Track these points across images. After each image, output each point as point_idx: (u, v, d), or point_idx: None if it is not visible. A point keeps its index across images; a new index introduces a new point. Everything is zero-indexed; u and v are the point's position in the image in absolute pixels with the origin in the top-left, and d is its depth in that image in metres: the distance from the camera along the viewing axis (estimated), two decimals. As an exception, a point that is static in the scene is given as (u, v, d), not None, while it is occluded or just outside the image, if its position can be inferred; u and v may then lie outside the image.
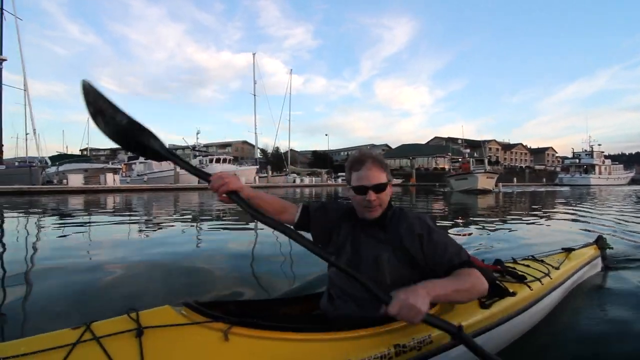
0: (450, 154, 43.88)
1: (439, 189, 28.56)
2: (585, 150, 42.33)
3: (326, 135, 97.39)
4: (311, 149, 47.43)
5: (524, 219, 7.20)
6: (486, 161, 26.37)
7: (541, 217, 7.48)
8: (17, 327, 1.88)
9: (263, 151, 64.21)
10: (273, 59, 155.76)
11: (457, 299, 1.12)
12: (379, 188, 1.25)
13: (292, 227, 1.38)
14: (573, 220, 6.98)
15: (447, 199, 14.94)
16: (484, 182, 20.92)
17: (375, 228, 1.29)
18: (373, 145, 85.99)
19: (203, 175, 1.21)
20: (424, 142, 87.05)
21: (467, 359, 1.05)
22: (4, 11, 20.65)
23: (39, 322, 1.91)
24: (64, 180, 20.03)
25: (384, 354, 1.04)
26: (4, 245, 4.14)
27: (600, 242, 2.79)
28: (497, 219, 7.04)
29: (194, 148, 36.72)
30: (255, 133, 39.76)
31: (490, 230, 5.36)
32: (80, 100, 1.11)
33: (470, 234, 4.86)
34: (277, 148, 52.91)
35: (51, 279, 2.62)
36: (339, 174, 55.77)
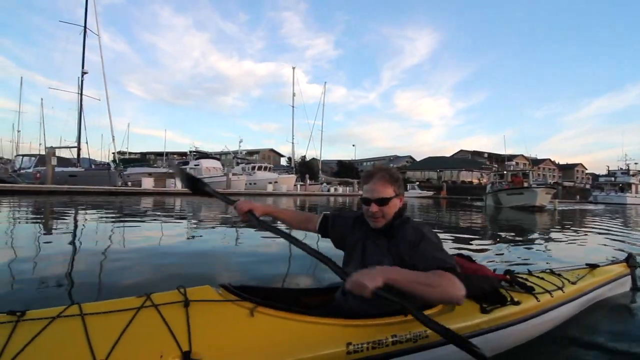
0: (485, 168, 42.59)
1: (471, 202, 28.78)
2: (621, 168, 42.01)
3: (353, 145, 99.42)
4: (328, 158, 48.79)
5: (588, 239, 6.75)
6: (547, 175, 25.20)
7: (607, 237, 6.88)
8: (96, 293, 2.41)
9: (289, 159, 66.11)
10: (295, 68, 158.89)
11: (419, 292, 1.12)
12: (381, 202, 1.38)
13: (315, 233, 1.67)
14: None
15: (493, 214, 14.21)
16: (543, 198, 19.45)
17: (382, 237, 1.41)
18: (396, 157, 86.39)
19: (228, 201, 1.66)
20: (444, 154, 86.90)
21: (462, 357, 1.17)
22: (87, 29, 23.01)
23: (112, 290, 2.41)
24: (129, 183, 22.06)
25: (381, 341, 1.18)
26: (102, 237, 5.12)
27: (630, 261, 2.70)
28: (561, 239, 6.62)
29: (235, 156, 38.78)
30: (293, 143, 41.46)
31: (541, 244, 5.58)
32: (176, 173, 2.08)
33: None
34: (304, 157, 54.36)
35: (124, 260, 3.43)
36: (369, 184, 56.73)
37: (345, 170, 65.40)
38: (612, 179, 41.28)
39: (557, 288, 1.90)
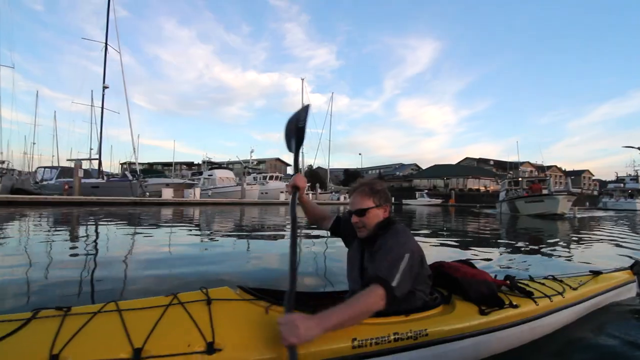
0: (499, 175, 41.62)
1: (480, 210, 28.57)
2: (630, 175, 42.09)
3: (360, 154, 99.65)
4: (333, 167, 49.04)
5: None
6: (569, 181, 23.70)
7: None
8: (129, 292, 2.61)
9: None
10: (297, 79, 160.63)
11: (355, 322, 1.22)
12: (360, 213, 1.50)
13: (327, 230, 1.80)
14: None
15: (510, 223, 13.82)
16: (564, 205, 18.44)
17: (372, 244, 1.49)
18: (402, 165, 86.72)
19: (297, 168, 1.74)
20: (449, 161, 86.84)
21: (461, 355, 1.21)
22: (108, 45, 23.83)
23: (143, 290, 2.63)
24: (147, 194, 22.59)
25: (384, 338, 1.26)
26: (138, 243, 5.66)
27: (636, 268, 2.72)
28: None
29: (247, 165, 39.35)
30: (302, 153, 41.88)
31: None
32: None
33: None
34: (310, 166, 54.78)
35: (151, 264, 3.82)
36: (377, 192, 57.10)
37: (351, 178, 65.80)
38: (621, 185, 41.29)
39: (557, 293, 1.96)
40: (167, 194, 21.17)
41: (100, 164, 23.14)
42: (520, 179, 24.00)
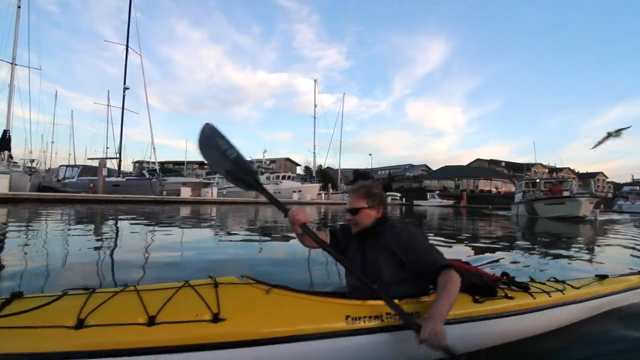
0: (516, 176, 40.33)
1: (492, 212, 28.27)
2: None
3: (370, 154, 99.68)
4: (342, 167, 49.30)
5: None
6: (593, 183, 22.91)
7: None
8: (145, 280, 2.88)
9: (307, 168, 67.01)
10: (307, 79, 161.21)
11: (453, 305, 1.39)
12: (353, 211, 1.67)
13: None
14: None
15: (528, 225, 13.45)
16: (586, 208, 17.87)
17: (372, 238, 1.62)
18: (411, 165, 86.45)
19: (283, 208, 1.61)
20: (458, 162, 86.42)
21: (453, 338, 1.29)
22: (129, 48, 24.44)
23: (157, 279, 2.80)
24: (164, 192, 23.16)
25: (377, 316, 1.37)
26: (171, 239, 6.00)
27: None
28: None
29: (260, 165, 39.83)
30: (314, 153, 42.33)
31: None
32: (196, 139, 1.61)
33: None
34: (320, 166, 55.08)
35: (166, 256, 4.22)
36: (388, 193, 57.36)
37: (361, 179, 65.63)
38: (637, 187, 40.72)
39: (557, 290, 1.97)
40: (186, 192, 21.67)
41: (120, 163, 23.76)
42: (538, 180, 23.42)
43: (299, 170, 71.83)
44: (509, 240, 7.90)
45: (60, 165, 26.17)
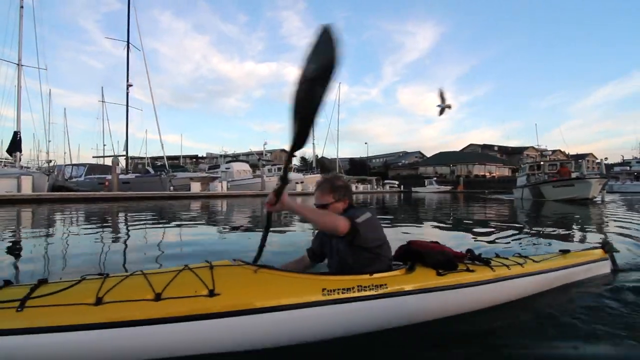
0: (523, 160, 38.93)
1: (488, 196, 28.87)
2: (636, 157, 42.95)
3: (366, 143, 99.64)
4: (337, 157, 49.43)
5: None
6: (603, 164, 22.48)
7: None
8: (151, 266, 3.13)
9: (303, 159, 67.28)
10: (296, 67, 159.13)
11: (313, 221, 1.65)
12: (321, 207, 1.80)
13: (314, 263, 2.06)
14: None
15: (537, 208, 13.16)
16: (596, 189, 17.66)
17: None
18: (405, 152, 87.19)
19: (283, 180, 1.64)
20: (449, 148, 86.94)
21: (417, 307, 1.53)
22: (130, 45, 24.38)
23: (164, 265, 3.25)
24: (171, 188, 23.46)
25: (349, 289, 1.57)
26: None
27: (606, 247, 2.87)
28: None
29: (260, 157, 40.17)
30: (313, 144, 42.71)
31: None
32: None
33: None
34: (317, 155, 55.34)
35: (172, 245, 4.73)
36: (386, 181, 58.02)
37: (357, 167, 66.10)
38: (628, 168, 42.03)
39: (517, 264, 2.14)
40: (195, 187, 22.05)
41: (127, 160, 23.95)
42: (542, 162, 23.05)
43: (295, 161, 71.90)
44: (527, 224, 7.83)
45: (65, 165, 26.20)
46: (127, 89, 24.06)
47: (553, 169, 21.57)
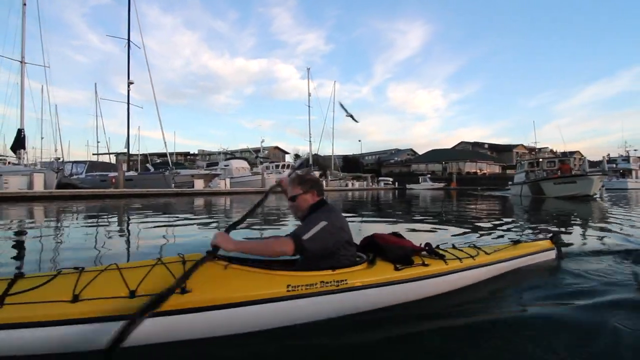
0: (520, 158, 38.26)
1: (481, 192, 29.39)
2: (622, 155, 44.39)
3: (359, 141, 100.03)
4: (329, 154, 49.80)
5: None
6: (605, 161, 21.87)
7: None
8: (128, 257, 3.51)
9: (297, 156, 67.59)
10: (287, 64, 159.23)
11: (263, 255, 1.74)
12: (292, 199, 1.96)
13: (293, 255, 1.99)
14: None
15: (537, 206, 12.99)
16: (597, 186, 17.75)
17: None
18: (398, 150, 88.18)
19: (272, 191, 2.17)
20: (440, 146, 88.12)
21: (376, 299, 1.69)
22: (130, 42, 24.37)
23: (138, 256, 3.49)
24: (172, 185, 23.68)
25: (312, 285, 1.67)
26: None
27: (554, 238, 3.14)
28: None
29: (257, 155, 40.44)
30: (310, 141, 43.06)
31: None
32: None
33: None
34: (314, 153, 55.67)
35: (151, 239, 4.92)
36: (381, 178, 58.65)
37: (350, 165, 66.67)
38: (614, 165, 43.41)
39: (469, 256, 2.32)
40: (199, 184, 22.29)
41: (129, 157, 24.03)
42: (540, 159, 23.23)
43: (288, 158, 72.14)
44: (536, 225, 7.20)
45: (65, 162, 26.07)
46: (128, 86, 24.01)
47: (551, 165, 21.71)
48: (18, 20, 18.69)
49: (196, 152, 78.48)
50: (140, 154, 37.05)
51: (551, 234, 3.28)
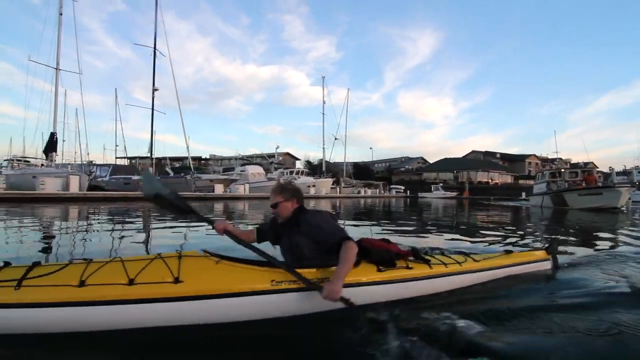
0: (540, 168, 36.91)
1: (495, 202, 29.02)
2: (637, 167, 43.85)
3: (370, 148, 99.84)
4: (339, 161, 50.05)
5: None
6: (634, 172, 21.22)
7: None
8: (131, 252, 3.82)
9: (308, 162, 68.13)
10: (298, 71, 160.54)
11: (350, 268, 1.84)
12: (274, 206, 2.09)
13: (256, 243, 2.15)
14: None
15: (561, 217, 12.53)
16: (625, 198, 17.30)
17: (295, 226, 2.03)
18: (408, 158, 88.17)
19: (209, 221, 2.14)
20: (449, 154, 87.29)
21: (358, 296, 1.81)
22: (156, 51, 25.28)
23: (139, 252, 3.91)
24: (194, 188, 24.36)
25: (293, 280, 1.80)
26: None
27: (550, 248, 3.12)
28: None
29: (272, 161, 41.08)
30: (324, 148, 43.52)
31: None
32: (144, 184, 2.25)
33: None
34: (327, 160, 56.07)
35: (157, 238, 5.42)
36: (392, 186, 58.83)
37: (361, 172, 66.82)
38: (629, 177, 42.89)
39: (456, 262, 2.37)
40: (219, 189, 22.95)
41: (152, 161, 24.80)
42: (562, 170, 22.78)
43: (299, 165, 72.73)
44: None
45: (91, 165, 27.02)
46: (153, 93, 24.87)
47: (573, 176, 21.27)
48: (49, 29, 19.65)
49: (208, 157, 79.48)
50: (155, 158, 38.05)
51: (547, 244, 3.26)
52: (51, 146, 19.20)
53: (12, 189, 14.97)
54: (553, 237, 6.63)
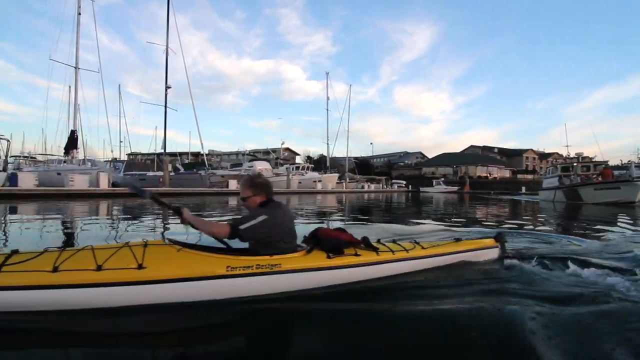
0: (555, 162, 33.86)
1: (496, 196, 29.31)
2: (633, 162, 44.89)
3: (371, 143, 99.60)
4: (337, 156, 50.30)
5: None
6: (633, 165, 20.09)
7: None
8: (102, 241, 3.90)
9: (309, 157, 68.61)
10: (293, 65, 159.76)
11: (201, 229, 2.12)
12: (243, 199, 2.26)
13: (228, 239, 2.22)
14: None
15: (578, 211, 12.53)
16: None
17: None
18: (407, 153, 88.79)
19: (176, 211, 2.14)
20: (446, 149, 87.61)
21: (306, 281, 2.08)
22: (169, 49, 25.68)
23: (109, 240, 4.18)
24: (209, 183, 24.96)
25: (249, 266, 1.99)
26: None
27: (499, 237, 3.23)
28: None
29: (277, 157, 41.64)
30: (327, 144, 44.00)
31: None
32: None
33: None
34: (328, 155, 56.60)
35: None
36: (394, 181, 59.48)
37: (362, 167, 67.37)
38: (626, 171, 43.77)
39: (403, 250, 2.56)
40: (233, 184, 23.59)
41: (166, 158, 25.35)
42: (575, 164, 22.21)
43: (299, 160, 73.18)
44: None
45: (105, 161, 27.53)
46: (166, 90, 25.17)
47: (585, 170, 21.06)
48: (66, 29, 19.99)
49: (207, 152, 79.54)
50: (157, 153, 38.46)
51: (497, 233, 3.38)
52: (72, 143, 19.72)
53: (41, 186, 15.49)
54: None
